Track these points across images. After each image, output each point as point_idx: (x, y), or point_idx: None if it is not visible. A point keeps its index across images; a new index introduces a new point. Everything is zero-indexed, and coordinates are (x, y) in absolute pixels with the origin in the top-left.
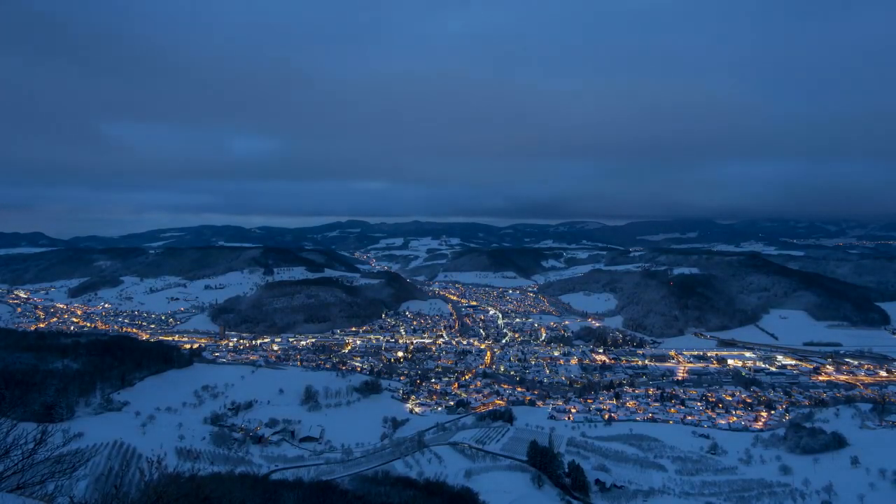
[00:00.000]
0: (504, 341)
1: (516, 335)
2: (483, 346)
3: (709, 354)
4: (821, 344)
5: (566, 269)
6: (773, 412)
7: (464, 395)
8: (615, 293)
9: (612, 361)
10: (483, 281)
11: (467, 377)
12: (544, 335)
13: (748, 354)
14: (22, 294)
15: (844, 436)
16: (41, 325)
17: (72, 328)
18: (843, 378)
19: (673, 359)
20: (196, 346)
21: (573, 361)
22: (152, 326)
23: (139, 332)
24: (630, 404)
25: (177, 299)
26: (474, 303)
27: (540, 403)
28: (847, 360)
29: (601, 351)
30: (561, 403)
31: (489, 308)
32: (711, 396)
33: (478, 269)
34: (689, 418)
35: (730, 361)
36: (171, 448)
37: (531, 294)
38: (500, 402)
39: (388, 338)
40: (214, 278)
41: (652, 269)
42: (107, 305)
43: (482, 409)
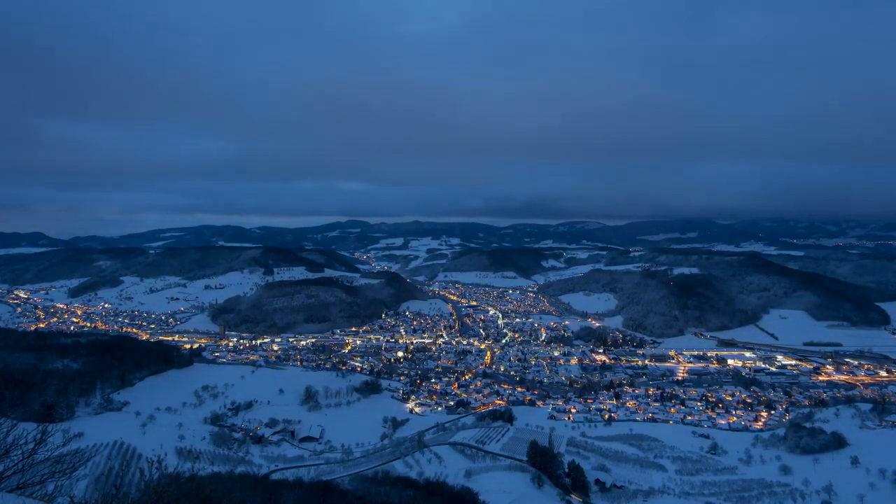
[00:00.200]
0: (504, 341)
1: (516, 335)
2: (483, 346)
3: (709, 354)
4: (821, 344)
5: (566, 269)
6: (773, 412)
7: (464, 395)
8: (615, 293)
9: (612, 361)
10: (483, 281)
11: (467, 377)
12: (544, 335)
13: (748, 354)
14: (22, 294)
15: (844, 436)
16: (41, 325)
17: (72, 328)
18: (843, 378)
19: (673, 359)
20: (196, 346)
21: (573, 361)
22: (152, 326)
23: (139, 332)
24: (630, 404)
25: (177, 299)
26: (474, 303)
27: (540, 403)
28: (847, 360)
29: (601, 351)
30: (561, 403)
31: (489, 308)
32: (711, 396)
33: (478, 269)
34: (689, 418)
35: (730, 361)
36: (171, 448)
37: (531, 294)
38: (500, 402)
39: (388, 338)
40: (214, 278)
41: (652, 269)
42: (107, 305)
43: (482, 409)
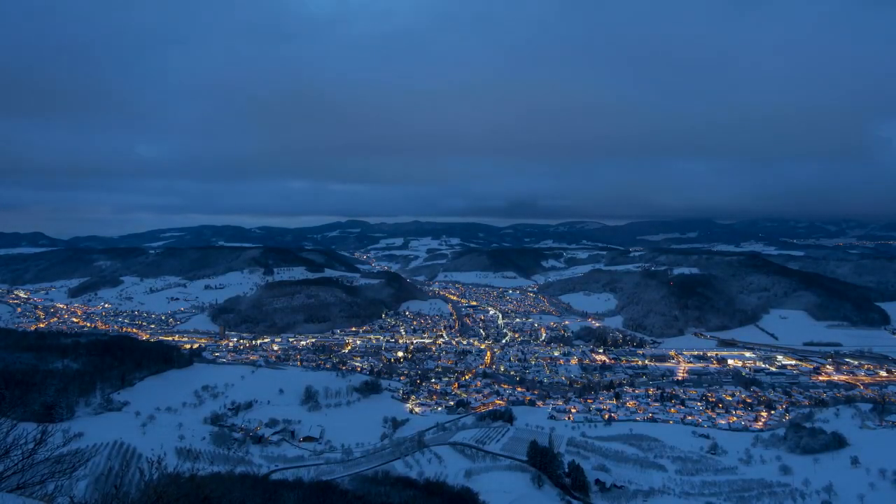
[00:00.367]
0: (504, 341)
1: (516, 335)
2: (483, 346)
3: (709, 354)
4: (821, 344)
5: (566, 269)
6: (773, 412)
7: (464, 395)
8: (615, 293)
9: (612, 361)
10: (483, 281)
11: (467, 377)
12: (544, 335)
13: (748, 354)
14: (22, 294)
15: (844, 436)
16: (41, 325)
17: (72, 328)
18: (843, 378)
19: (673, 359)
20: (196, 346)
21: (573, 361)
22: (152, 326)
23: (139, 332)
24: (630, 404)
25: (177, 299)
26: (474, 303)
27: (540, 403)
28: (847, 360)
29: (601, 351)
30: (561, 403)
31: (489, 308)
32: (711, 396)
33: (478, 269)
34: (689, 418)
35: (730, 361)
36: (171, 448)
37: (531, 294)
38: (500, 402)
39: (388, 338)
40: (214, 278)
41: (652, 269)
42: (107, 305)
43: (482, 409)
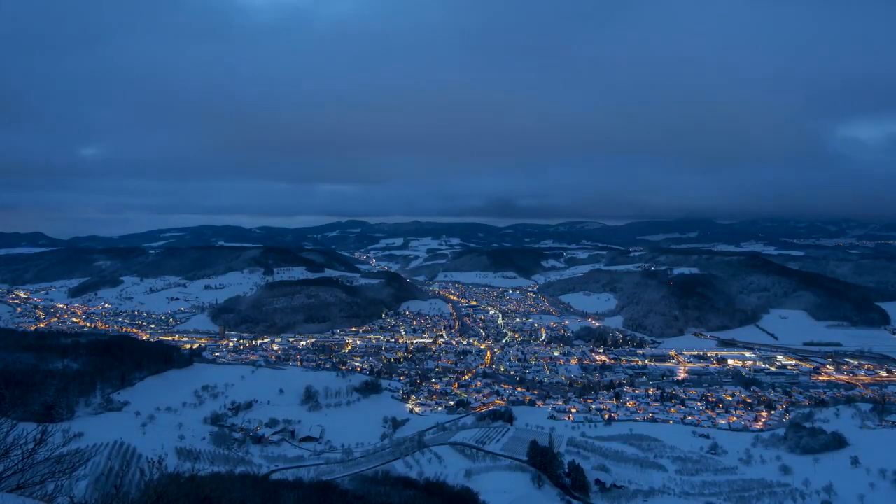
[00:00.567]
0: (504, 341)
1: (516, 335)
2: (483, 346)
3: (709, 354)
4: (821, 344)
5: (566, 269)
6: (773, 412)
7: (464, 395)
8: (615, 293)
9: (612, 361)
10: (483, 281)
11: (467, 377)
12: (544, 335)
13: (748, 354)
14: (22, 294)
15: (844, 436)
16: (41, 325)
17: (72, 328)
18: (843, 378)
19: (673, 359)
20: (196, 346)
21: (573, 361)
22: (152, 326)
23: (139, 332)
24: (630, 404)
25: (177, 299)
26: (474, 303)
27: (540, 403)
28: (847, 360)
29: (601, 351)
30: (561, 403)
31: (489, 308)
32: (711, 396)
33: (478, 269)
34: (689, 418)
35: (730, 361)
36: (172, 448)
37: (531, 294)
38: (500, 402)
39: (388, 338)
40: (214, 278)
41: (652, 269)
42: (107, 305)
43: (482, 409)
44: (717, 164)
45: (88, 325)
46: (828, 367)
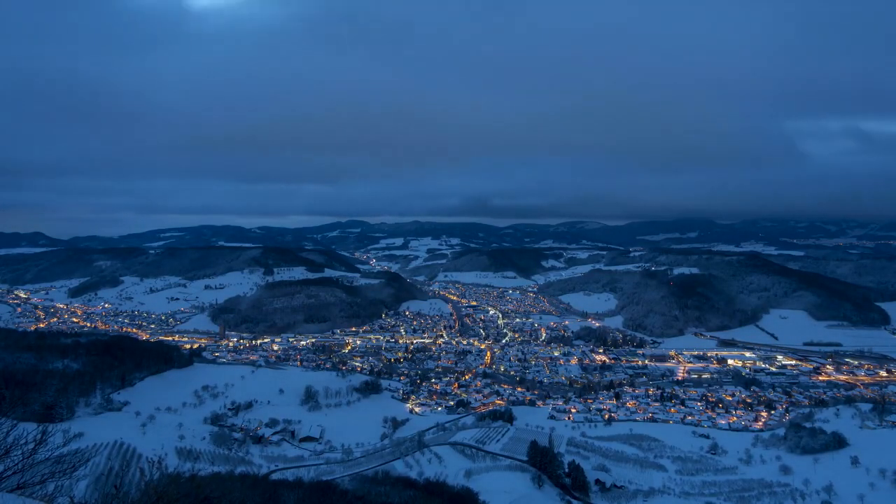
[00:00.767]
0: (504, 341)
1: (516, 335)
2: (483, 346)
3: (709, 354)
4: (821, 344)
5: (566, 269)
6: (773, 412)
7: (464, 395)
8: (615, 293)
9: (612, 361)
10: (483, 281)
11: (467, 377)
12: (544, 335)
13: (748, 354)
14: (22, 294)
15: (844, 436)
16: (41, 325)
17: (72, 328)
18: (843, 378)
19: (673, 359)
20: (196, 346)
21: (573, 361)
22: (152, 326)
23: (139, 332)
24: (630, 404)
25: (177, 299)
26: (474, 303)
27: (540, 403)
28: (847, 360)
29: (601, 351)
30: (561, 403)
31: (489, 308)
32: (711, 396)
33: (478, 269)
34: (689, 418)
35: (730, 361)
36: (172, 448)
37: (531, 294)
38: (500, 402)
39: (388, 338)
40: (214, 278)
41: (652, 269)
42: (107, 305)
43: (482, 409)
44: (669, 165)
45: (88, 325)
46: (828, 367)
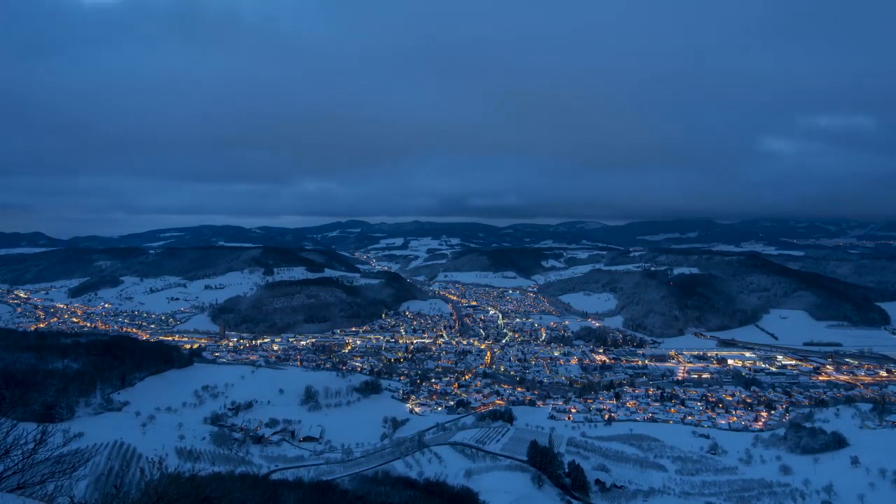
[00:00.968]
0: (504, 341)
1: (516, 335)
2: (483, 346)
3: (709, 354)
4: (821, 344)
5: (566, 269)
6: (773, 412)
7: (464, 395)
8: (615, 293)
9: (612, 361)
10: (483, 281)
11: (467, 377)
12: (544, 335)
13: (748, 354)
14: (22, 294)
15: (844, 436)
16: (41, 325)
17: (72, 328)
18: (843, 378)
19: (673, 359)
20: (196, 346)
21: (573, 361)
22: (152, 326)
23: (139, 332)
24: (630, 404)
25: (177, 299)
26: (474, 303)
27: (540, 403)
28: (847, 360)
29: (601, 351)
30: (561, 403)
31: (489, 308)
32: (711, 396)
33: (478, 269)
34: (689, 418)
35: (730, 361)
36: (172, 448)
37: (531, 294)
38: (500, 402)
39: (388, 338)
40: (214, 278)
41: (652, 269)
42: (107, 305)
43: (482, 409)
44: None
45: (88, 325)
46: (828, 367)
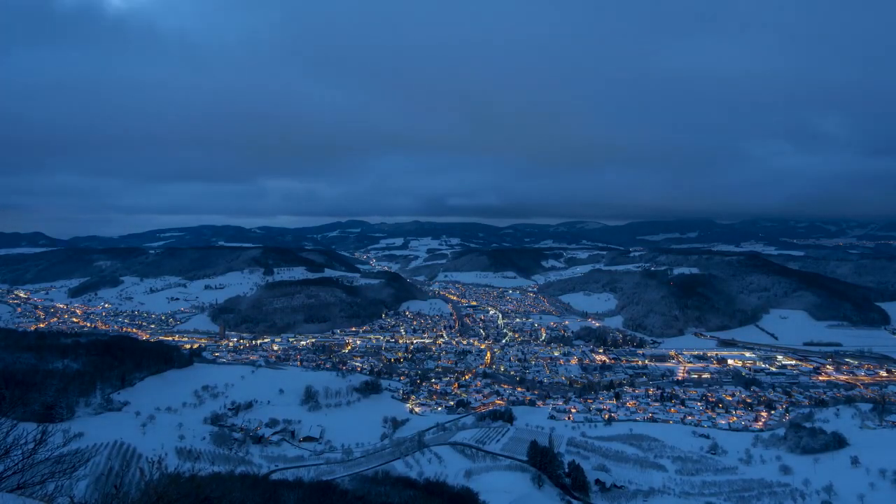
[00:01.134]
0: (504, 341)
1: (516, 335)
2: (483, 346)
3: (709, 354)
4: (821, 344)
5: (566, 269)
6: (773, 412)
7: (464, 395)
8: (615, 293)
9: (612, 361)
10: (483, 281)
11: (467, 377)
12: (544, 335)
13: (748, 354)
14: (22, 294)
15: (844, 436)
16: (41, 325)
17: (72, 328)
18: (843, 378)
19: (673, 359)
20: (196, 346)
21: (573, 361)
22: (152, 326)
23: (139, 332)
24: (630, 404)
25: (177, 299)
26: (474, 303)
27: (540, 403)
28: (847, 360)
29: (601, 351)
30: (561, 403)
31: (489, 308)
32: (711, 396)
33: (478, 269)
34: (689, 418)
35: (730, 361)
36: (172, 448)
37: (531, 294)
38: (500, 402)
39: (388, 338)
40: (214, 278)
41: (652, 269)
42: (107, 305)
43: (482, 409)
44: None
45: (88, 325)
46: (828, 367)
